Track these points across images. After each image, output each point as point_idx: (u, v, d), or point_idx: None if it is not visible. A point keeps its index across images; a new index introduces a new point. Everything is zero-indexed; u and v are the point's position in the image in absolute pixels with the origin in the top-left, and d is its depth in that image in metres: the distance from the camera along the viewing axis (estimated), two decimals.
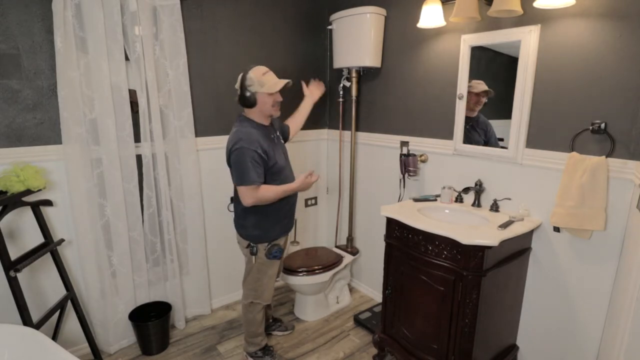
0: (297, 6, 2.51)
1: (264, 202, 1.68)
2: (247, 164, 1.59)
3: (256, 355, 1.97)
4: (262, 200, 1.66)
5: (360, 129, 2.53)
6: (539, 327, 1.74)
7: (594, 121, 1.45)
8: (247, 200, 1.64)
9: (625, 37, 1.35)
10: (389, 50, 2.26)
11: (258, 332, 1.94)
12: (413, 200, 1.98)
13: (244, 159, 1.60)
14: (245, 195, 1.64)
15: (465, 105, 1.86)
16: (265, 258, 1.81)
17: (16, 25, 1.65)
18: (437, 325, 1.63)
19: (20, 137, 1.73)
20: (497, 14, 1.55)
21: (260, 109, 1.68)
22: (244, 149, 1.60)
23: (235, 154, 1.61)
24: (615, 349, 1.25)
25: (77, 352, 1.99)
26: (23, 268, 1.57)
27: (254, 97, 1.65)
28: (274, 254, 1.80)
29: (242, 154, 1.60)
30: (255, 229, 1.78)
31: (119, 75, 1.87)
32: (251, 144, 1.61)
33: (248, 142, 1.61)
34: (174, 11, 1.98)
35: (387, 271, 1.86)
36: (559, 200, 1.50)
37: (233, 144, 1.62)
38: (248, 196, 1.63)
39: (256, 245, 1.79)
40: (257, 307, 1.89)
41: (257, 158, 1.62)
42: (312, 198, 2.90)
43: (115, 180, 1.93)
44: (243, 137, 1.62)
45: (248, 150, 1.60)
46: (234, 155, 1.62)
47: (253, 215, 1.76)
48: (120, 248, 2.01)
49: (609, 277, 1.48)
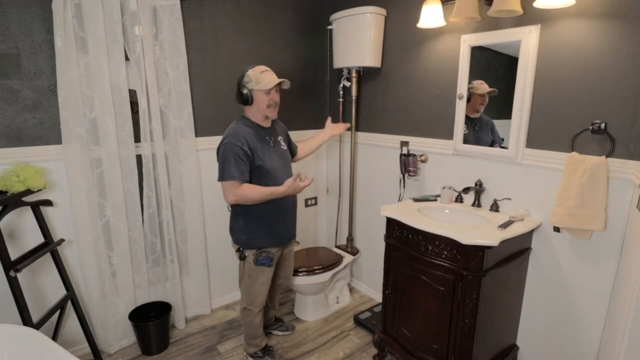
0: (297, 6, 2.51)
1: (247, 201, 1.65)
2: (230, 159, 1.59)
3: (256, 355, 1.97)
4: (244, 198, 1.62)
5: (360, 129, 2.53)
6: (539, 327, 1.74)
7: (594, 121, 1.45)
8: (228, 196, 1.63)
9: (625, 37, 1.35)
10: (389, 50, 2.26)
11: (257, 334, 1.94)
12: (413, 200, 1.98)
13: (227, 154, 1.60)
14: (225, 190, 1.63)
15: (470, 106, 1.86)
16: (253, 264, 1.78)
17: (16, 25, 1.65)
18: (437, 326, 1.63)
19: (20, 137, 1.73)
20: (497, 14, 1.55)
21: (257, 107, 1.68)
22: (229, 144, 1.60)
23: (222, 150, 1.63)
24: (615, 349, 1.25)
25: (77, 352, 1.99)
26: (23, 268, 1.57)
27: (250, 94, 1.65)
28: (262, 261, 1.76)
29: (227, 149, 1.60)
30: (243, 233, 1.75)
31: (119, 75, 1.87)
32: (237, 140, 1.61)
33: (234, 138, 1.61)
34: (174, 11, 1.98)
35: (387, 271, 1.86)
36: (559, 200, 1.50)
37: (221, 141, 1.65)
38: (228, 192, 1.62)
39: (245, 251, 1.77)
40: (252, 313, 1.88)
41: (241, 154, 1.60)
42: (312, 198, 2.90)
43: (115, 180, 1.93)
44: (231, 133, 1.64)
45: (233, 146, 1.60)
46: (220, 151, 1.64)
47: (241, 218, 1.75)
48: (120, 248, 2.01)
49: (609, 277, 1.48)
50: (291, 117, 2.64)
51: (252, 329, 1.92)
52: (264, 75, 1.64)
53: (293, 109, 2.65)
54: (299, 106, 2.68)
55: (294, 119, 2.66)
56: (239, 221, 1.76)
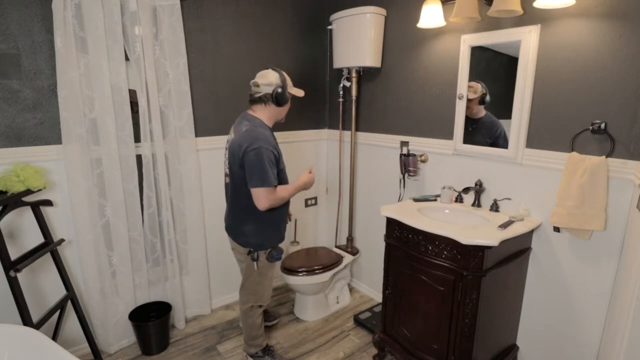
0: (297, 6, 2.51)
1: (279, 202, 1.64)
2: (266, 165, 1.53)
3: (257, 355, 1.97)
4: (277, 200, 1.61)
5: (360, 129, 2.53)
6: (539, 327, 1.74)
7: (594, 121, 1.45)
8: (264, 203, 1.57)
9: (625, 37, 1.35)
10: (389, 50, 2.26)
11: (258, 334, 1.94)
12: (413, 200, 1.98)
13: (263, 159, 1.53)
14: (262, 197, 1.57)
15: (466, 107, 1.87)
16: (266, 262, 1.79)
17: (16, 25, 1.65)
18: (437, 325, 1.63)
19: (20, 137, 1.73)
20: (497, 14, 1.55)
21: (283, 110, 1.71)
22: (263, 149, 1.53)
23: (253, 154, 1.53)
24: (615, 349, 1.25)
25: (77, 352, 1.99)
26: (23, 268, 1.57)
27: (289, 95, 1.67)
28: (276, 257, 1.77)
29: (261, 154, 1.53)
30: (254, 236, 1.73)
31: (119, 75, 1.87)
32: (268, 145, 1.56)
33: (266, 143, 1.55)
34: (174, 11, 1.98)
35: (387, 271, 1.86)
36: (559, 200, 1.50)
37: (249, 144, 1.54)
38: (266, 199, 1.57)
39: (257, 252, 1.76)
40: (258, 311, 1.88)
41: (272, 159, 1.58)
42: (312, 198, 2.90)
43: (115, 180, 1.93)
44: (260, 137, 1.56)
45: (267, 151, 1.54)
46: (250, 154, 1.54)
47: (252, 223, 1.71)
48: (120, 248, 2.01)
49: (609, 277, 1.48)
50: (291, 117, 2.63)
51: (254, 330, 1.92)
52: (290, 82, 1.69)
53: (293, 109, 2.63)
54: (299, 106, 2.66)
55: (294, 119, 2.65)
56: (249, 225, 1.72)
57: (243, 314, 1.90)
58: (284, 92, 1.64)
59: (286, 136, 2.61)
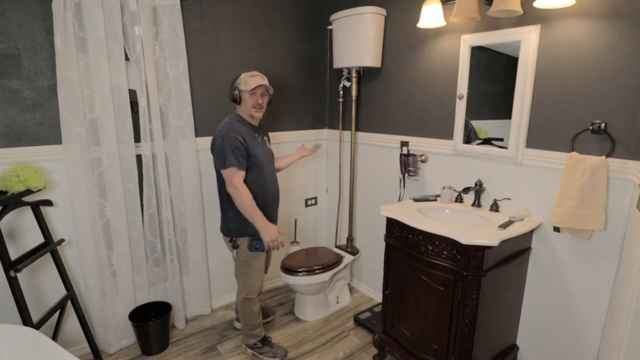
0: (297, 6, 2.51)
1: (238, 199, 1.74)
2: (227, 149, 1.72)
3: (255, 346, 2.00)
4: (239, 193, 1.73)
5: (360, 129, 2.53)
6: (539, 327, 1.75)
7: (594, 121, 1.45)
8: (228, 184, 1.74)
9: (625, 37, 1.35)
10: (389, 50, 2.26)
11: (256, 323, 1.99)
12: (413, 200, 1.98)
13: (225, 144, 1.72)
14: (226, 179, 1.74)
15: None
16: (249, 251, 1.86)
17: (16, 25, 1.65)
18: (437, 325, 1.63)
19: (20, 137, 1.73)
20: (497, 14, 1.55)
21: (245, 106, 1.82)
22: (226, 136, 1.72)
23: (219, 141, 1.74)
24: (616, 348, 1.25)
25: (77, 352, 1.99)
26: (23, 268, 1.57)
27: (239, 94, 1.81)
28: (256, 246, 1.86)
29: (224, 141, 1.72)
30: (233, 222, 1.85)
31: (119, 75, 1.87)
32: (232, 132, 1.74)
33: (230, 130, 1.74)
34: (174, 11, 1.98)
35: (387, 271, 1.86)
36: (558, 200, 1.50)
37: (217, 134, 1.77)
38: (228, 180, 1.74)
39: (237, 239, 1.86)
40: (251, 302, 1.94)
41: (238, 145, 1.73)
42: (312, 198, 2.90)
43: (115, 180, 1.93)
44: (226, 126, 1.78)
45: (229, 137, 1.72)
46: (217, 142, 1.75)
47: (231, 210, 1.84)
48: (120, 248, 2.01)
49: (609, 277, 1.48)
50: (291, 117, 2.65)
51: (252, 319, 1.97)
52: (252, 79, 1.79)
53: (293, 109, 2.65)
54: (299, 106, 2.68)
55: (294, 119, 2.66)
56: (229, 214, 1.86)
57: (239, 304, 1.97)
58: (231, 91, 1.84)
59: (286, 136, 2.61)
